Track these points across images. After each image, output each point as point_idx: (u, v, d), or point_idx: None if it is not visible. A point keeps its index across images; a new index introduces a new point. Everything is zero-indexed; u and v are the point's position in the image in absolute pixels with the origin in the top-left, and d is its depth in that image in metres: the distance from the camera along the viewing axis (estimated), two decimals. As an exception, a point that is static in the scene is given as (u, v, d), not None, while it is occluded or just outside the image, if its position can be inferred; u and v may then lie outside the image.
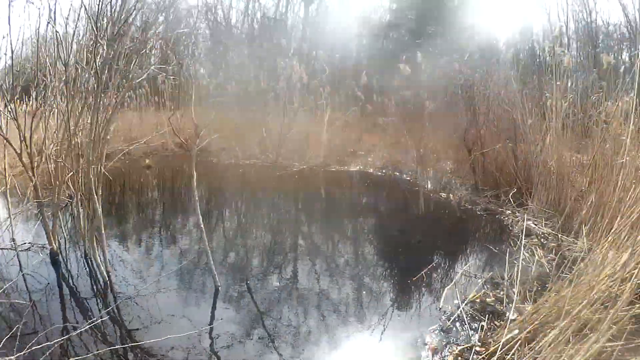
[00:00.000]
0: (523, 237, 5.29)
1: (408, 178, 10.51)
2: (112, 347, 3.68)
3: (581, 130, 7.64)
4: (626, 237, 3.97)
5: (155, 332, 3.97)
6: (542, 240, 6.29)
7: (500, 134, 8.95)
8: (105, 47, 4.97)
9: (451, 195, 9.03)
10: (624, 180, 5.06)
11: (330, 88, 13.48)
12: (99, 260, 4.97)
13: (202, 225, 4.94)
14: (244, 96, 13.94)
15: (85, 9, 5.22)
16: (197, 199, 4.92)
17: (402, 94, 10.80)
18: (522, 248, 5.59)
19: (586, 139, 7.18)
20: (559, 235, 6.22)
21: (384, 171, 11.62)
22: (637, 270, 3.17)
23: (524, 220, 6.53)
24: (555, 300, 3.92)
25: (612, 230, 4.24)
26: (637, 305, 3.00)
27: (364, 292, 5.16)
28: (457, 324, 4.48)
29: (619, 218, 4.28)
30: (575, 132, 7.59)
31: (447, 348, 4.13)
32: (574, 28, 23.09)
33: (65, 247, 5.89)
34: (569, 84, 7.62)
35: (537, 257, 5.66)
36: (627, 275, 3.36)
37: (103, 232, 5.07)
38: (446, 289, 5.01)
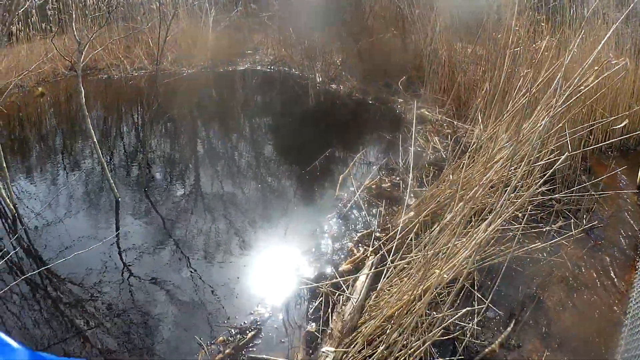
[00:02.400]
0: (415, 123, 5.28)
1: (297, 72, 10.35)
2: (26, 276, 3.61)
3: (473, 21, 7.63)
4: (517, 122, 3.99)
5: (66, 253, 3.86)
6: (437, 127, 6.33)
7: (388, 25, 8.86)
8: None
9: (341, 86, 8.96)
10: (517, 68, 5.10)
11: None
12: (4, 195, 4.69)
13: (95, 140, 4.74)
14: (128, 6, 13.37)
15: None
16: (86, 114, 4.69)
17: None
18: (416, 134, 5.63)
19: (478, 30, 7.18)
20: (454, 122, 6.28)
21: (272, 68, 11.43)
22: (528, 154, 3.18)
23: (417, 108, 6.53)
24: (450, 183, 3.95)
25: (505, 114, 4.26)
26: (536, 187, 3.01)
27: (263, 189, 5.14)
28: (355, 211, 4.50)
29: (510, 104, 4.30)
30: (466, 23, 7.59)
31: (347, 235, 4.15)
32: None
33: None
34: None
35: (432, 143, 5.71)
36: (521, 160, 3.37)
37: (4, 166, 4.76)
38: (341, 176, 4.99)
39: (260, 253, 4.03)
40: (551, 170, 2.62)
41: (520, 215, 3.32)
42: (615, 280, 3.83)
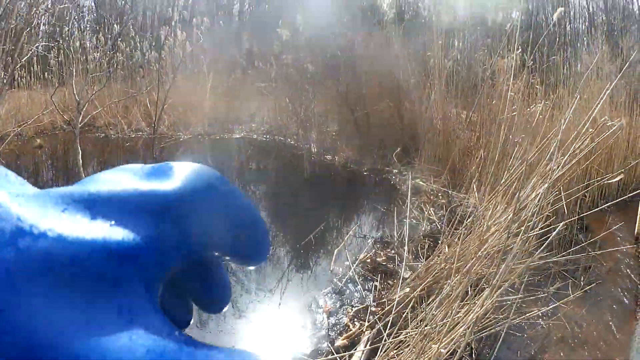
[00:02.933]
0: (410, 195, 5.26)
1: (292, 142, 10.40)
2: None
3: (467, 87, 7.71)
4: (513, 191, 3.98)
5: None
6: (431, 197, 6.31)
7: (384, 94, 8.93)
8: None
9: (336, 157, 8.97)
10: (512, 135, 5.10)
11: (212, 54, 13.28)
12: None
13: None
14: (129, 67, 13.57)
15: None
16: (83, 176, 4.67)
17: (283, 58, 10.69)
18: (411, 205, 5.58)
19: (473, 96, 7.25)
20: (449, 192, 6.25)
21: (268, 136, 11.49)
22: (525, 225, 3.15)
23: (411, 179, 6.52)
24: (446, 256, 3.90)
25: (501, 184, 4.25)
26: (534, 257, 2.98)
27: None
28: (350, 285, 4.43)
29: (505, 172, 4.29)
30: (461, 89, 7.66)
31: (342, 310, 4.08)
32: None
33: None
34: (456, 44, 7.70)
35: (427, 214, 5.67)
36: (518, 230, 3.34)
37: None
38: (336, 250, 4.93)
39: (255, 327, 3.96)
40: (548, 241, 2.59)
41: (517, 281, 3.26)
42: (616, 333, 3.80)
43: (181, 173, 0.33)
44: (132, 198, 0.30)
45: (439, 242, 4.36)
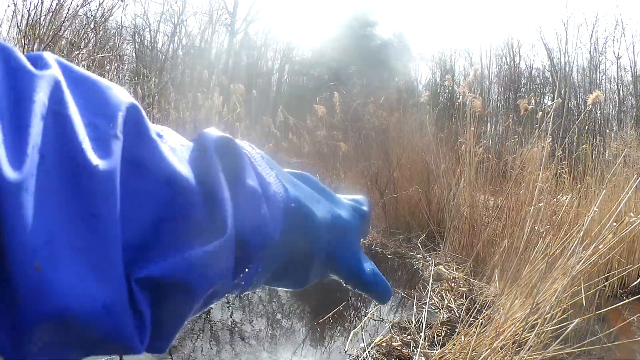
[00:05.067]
0: (432, 281, 5.21)
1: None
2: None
3: (496, 175, 7.69)
4: (534, 284, 3.92)
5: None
6: (453, 285, 6.22)
7: (414, 178, 8.93)
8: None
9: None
10: (537, 226, 5.04)
11: (247, 123, 13.35)
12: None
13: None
14: (164, 124, 13.62)
15: (18, 25, 5.03)
16: None
17: (317, 134, 10.72)
18: (431, 292, 5.51)
19: (501, 184, 7.22)
20: (470, 280, 6.17)
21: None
22: (542, 318, 3.10)
23: (434, 265, 6.45)
24: (461, 346, 3.83)
25: (522, 277, 4.19)
26: (549, 350, 2.91)
27: (273, 331, 4.99)
28: (363, 369, 4.36)
29: (528, 265, 4.24)
30: (490, 177, 7.64)
31: (352, 393, 4.01)
32: (496, 72, 23.08)
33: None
34: (488, 129, 7.75)
35: (446, 302, 5.59)
36: (534, 322, 3.29)
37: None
38: (352, 332, 4.86)
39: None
40: (564, 335, 2.54)
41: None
42: None
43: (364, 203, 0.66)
44: (348, 203, 0.62)
45: (457, 330, 4.30)
